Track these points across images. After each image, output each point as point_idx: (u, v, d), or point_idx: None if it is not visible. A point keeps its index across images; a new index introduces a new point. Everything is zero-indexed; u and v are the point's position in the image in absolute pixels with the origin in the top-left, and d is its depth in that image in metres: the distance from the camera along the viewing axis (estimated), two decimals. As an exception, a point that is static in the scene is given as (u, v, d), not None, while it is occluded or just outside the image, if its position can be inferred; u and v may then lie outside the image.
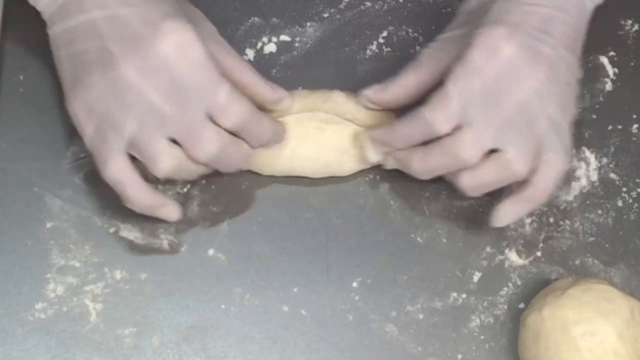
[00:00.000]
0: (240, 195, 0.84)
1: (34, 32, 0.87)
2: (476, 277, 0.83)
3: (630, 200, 0.85)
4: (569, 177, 0.86)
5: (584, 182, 0.86)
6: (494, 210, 0.80)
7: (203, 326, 0.80)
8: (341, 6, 0.90)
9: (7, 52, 0.87)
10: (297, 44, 0.89)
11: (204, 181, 0.84)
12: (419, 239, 0.83)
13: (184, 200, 0.83)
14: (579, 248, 0.84)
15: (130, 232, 0.83)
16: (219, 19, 0.88)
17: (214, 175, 0.82)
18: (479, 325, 0.81)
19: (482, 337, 0.81)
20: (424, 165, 0.80)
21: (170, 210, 0.80)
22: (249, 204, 0.84)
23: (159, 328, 0.80)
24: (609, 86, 0.89)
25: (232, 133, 0.79)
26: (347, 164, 0.84)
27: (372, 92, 0.83)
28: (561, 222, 0.84)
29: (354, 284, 0.82)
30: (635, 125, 0.88)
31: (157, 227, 0.83)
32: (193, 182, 0.84)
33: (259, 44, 0.89)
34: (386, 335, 0.81)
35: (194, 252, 0.83)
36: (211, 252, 0.83)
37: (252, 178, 0.84)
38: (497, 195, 0.82)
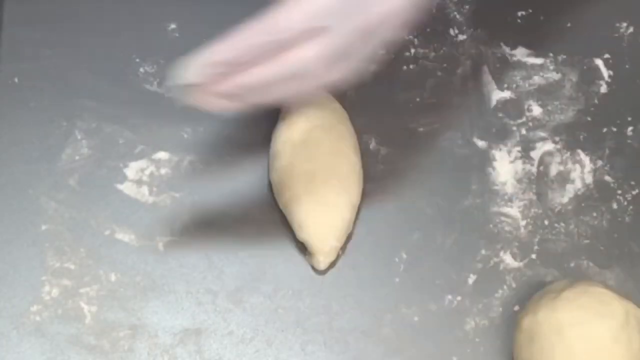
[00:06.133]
0: (232, 201, 0.85)
1: (29, 34, 0.88)
2: (471, 279, 0.83)
3: (625, 203, 0.85)
4: (564, 179, 0.86)
5: (578, 184, 0.86)
6: None
7: (198, 328, 0.80)
8: (336, 8, 0.90)
9: (2, 55, 0.87)
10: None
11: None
12: (413, 242, 0.83)
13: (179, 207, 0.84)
14: (574, 250, 0.84)
15: (125, 235, 0.83)
16: (214, 20, 0.88)
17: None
18: (473, 328, 0.81)
19: (477, 339, 0.81)
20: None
21: None
22: (240, 209, 0.84)
23: (153, 330, 0.80)
24: (603, 89, 0.89)
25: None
26: None
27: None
28: (556, 225, 0.84)
29: (349, 287, 0.82)
30: (630, 128, 0.88)
31: (152, 229, 0.83)
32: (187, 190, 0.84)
33: (254, 47, 0.89)
34: (381, 338, 0.81)
35: (189, 254, 0.83)
36: (206, 254, 0.83)
37: (243, 185, 0.85)
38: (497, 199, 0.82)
